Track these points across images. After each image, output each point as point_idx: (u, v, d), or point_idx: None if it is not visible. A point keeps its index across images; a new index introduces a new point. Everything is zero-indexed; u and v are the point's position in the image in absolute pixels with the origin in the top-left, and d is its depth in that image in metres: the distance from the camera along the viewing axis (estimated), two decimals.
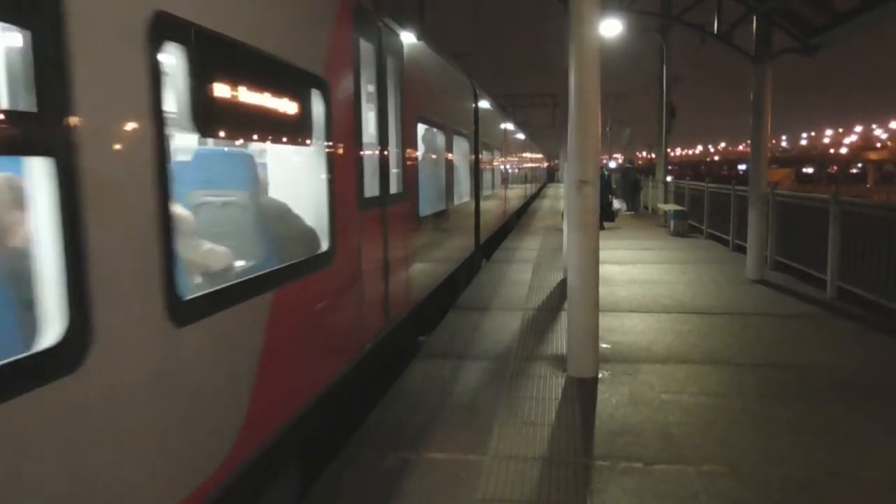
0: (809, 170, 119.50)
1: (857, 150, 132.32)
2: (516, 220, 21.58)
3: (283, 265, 3.66)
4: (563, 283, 9.74)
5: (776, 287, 9.69)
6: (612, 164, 31.16)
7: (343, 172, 4.47)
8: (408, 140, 6.45)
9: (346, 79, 4.61)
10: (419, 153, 7.30)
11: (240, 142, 3.94)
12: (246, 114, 3.25)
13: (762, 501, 3.67)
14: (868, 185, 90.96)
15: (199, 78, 2.75)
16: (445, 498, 3.72)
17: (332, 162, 4.23)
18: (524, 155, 29.26)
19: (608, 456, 4.18)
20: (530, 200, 31.43)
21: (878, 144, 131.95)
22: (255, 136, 3.63)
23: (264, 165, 4.31)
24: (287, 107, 3.66)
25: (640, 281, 10.19)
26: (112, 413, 2.18)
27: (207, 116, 2.87)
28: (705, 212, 16.25)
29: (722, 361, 6.16)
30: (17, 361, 1.81)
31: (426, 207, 7.43)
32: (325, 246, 4.14)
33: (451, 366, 6.02)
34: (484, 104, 13.22)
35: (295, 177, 4.28)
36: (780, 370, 5.90)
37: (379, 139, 5.49)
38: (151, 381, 2.41)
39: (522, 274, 10.98)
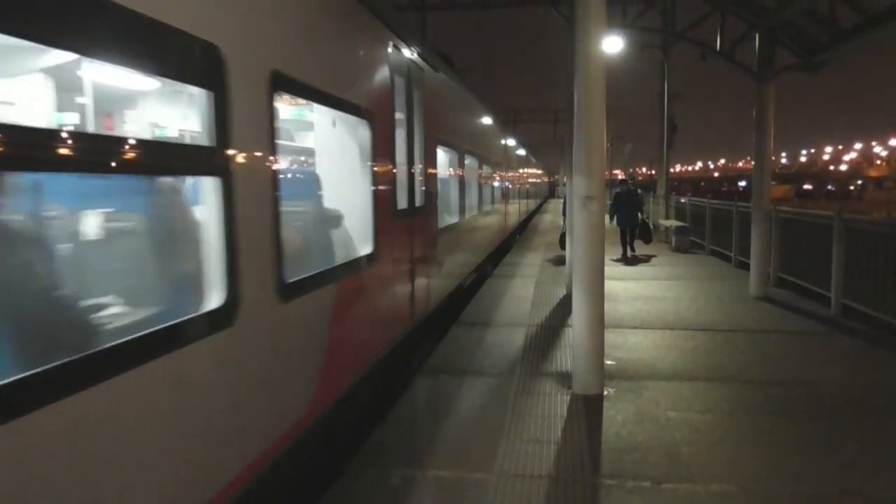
0: (809, 186, 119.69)
1: (857, 167, 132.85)
2: (530, 219, 32.32)
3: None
4: (566, 298, 9.71)
5: (780, 304, 9.65)
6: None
7: (504, 185, 18.60)
8: (507, 174, 19.59)
9: (505, 158, 19.08)
10: (509, 178, 20.12)
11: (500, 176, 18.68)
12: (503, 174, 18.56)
13: None
14: (869, 196, 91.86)
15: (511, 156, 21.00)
16: None
17: (505, 183, 18.90)
18: (536, 176, 42.40)
19: (616, 474, 4.13)
20: (537, 208, 42.89)
21: (878, 162, 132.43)
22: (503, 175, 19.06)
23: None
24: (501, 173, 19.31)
25: (643, 297, 10.15)
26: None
27: (507, 170, 19.66)
28: (707, 228, 16.23)
29: (728, 378, 6.11)
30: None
31: (525, 199, 26.95)
32: (505, 199, 18.55)
33: (455, 382, 5.97)
34: (523, 153, 27.53)
35: (498, 185, 16.89)
36: (787, 387, 5.84)
37: (508, 175, 19.88)
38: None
39: (525, 289, 10.95)
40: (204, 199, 2.92)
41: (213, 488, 2.79)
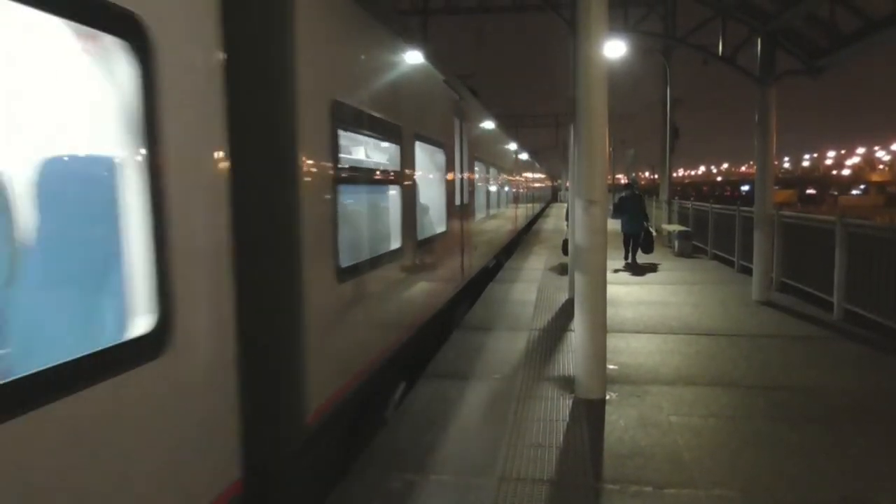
0: (812, 191, 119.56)
1: (860, 172, 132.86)
2: (535, 221, 35.06)
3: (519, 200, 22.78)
4: (569, 303, 9.70)
5: (782, 309, 9.63)
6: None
7: (515, 190, 22.24)
8: (517, 179, 23.18)
9: (516, 166, 22.50)
10: (519, 183, 23.76)
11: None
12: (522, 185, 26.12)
13: None
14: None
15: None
16: None
17: (515, 188, 22.49)
18: (540, 181, 48.00)
19: (618, 479, 4.12)
20: (541, 211, 46.54)
21: (881, 166, 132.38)
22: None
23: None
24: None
25: (645, 302, 10.14)
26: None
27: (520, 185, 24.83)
28: (709, 232, 16.21)
29: (731, 383, 6.10)
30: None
31: (529, 203, 29.98)
32: (515, 202, 21.74)
33: (457, 386, 5.97)
34: (530, 159, 31.70)
35: (510, 190, 20.53)
36: (789, 393, 5.83)
37: (518, 180, 23.61)
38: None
39: (527, 294, 10.95)
40: (394, 198, 5.99)
41: (420, 318, 6.52)
